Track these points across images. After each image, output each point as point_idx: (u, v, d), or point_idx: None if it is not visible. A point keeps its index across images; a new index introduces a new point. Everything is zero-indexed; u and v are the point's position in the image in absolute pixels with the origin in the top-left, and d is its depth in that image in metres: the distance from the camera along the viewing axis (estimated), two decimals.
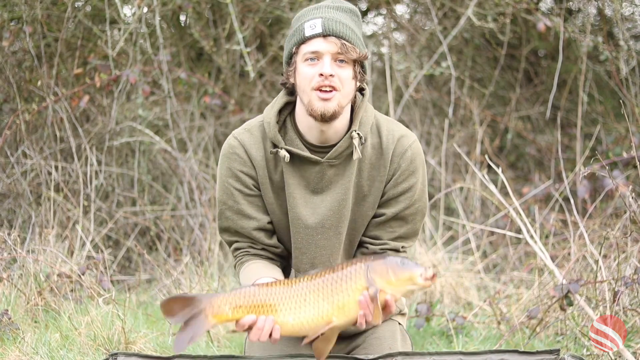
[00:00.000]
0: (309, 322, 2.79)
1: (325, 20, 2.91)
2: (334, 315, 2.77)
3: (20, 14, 5.62)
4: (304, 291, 2.78)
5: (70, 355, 3.76)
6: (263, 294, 2.79)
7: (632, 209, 4.16)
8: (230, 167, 3.06)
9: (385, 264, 2.74)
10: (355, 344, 3.23)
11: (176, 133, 6.14)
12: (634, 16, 7.16)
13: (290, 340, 3.23)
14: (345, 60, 2.91)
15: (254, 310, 2.79)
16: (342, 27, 2.91)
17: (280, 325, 2.79)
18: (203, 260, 5.32)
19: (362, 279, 2.75)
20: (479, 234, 5.95)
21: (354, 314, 2.76)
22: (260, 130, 3.07)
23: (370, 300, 2.73)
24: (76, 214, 5.49)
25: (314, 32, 2.90)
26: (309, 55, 2.90)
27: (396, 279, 2.73)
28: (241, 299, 2.80)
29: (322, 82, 2.89)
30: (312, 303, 2.77)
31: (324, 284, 2.77)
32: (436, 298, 5.03)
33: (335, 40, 2.89)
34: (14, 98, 5.67)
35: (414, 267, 2.73)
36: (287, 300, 2.79)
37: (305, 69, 2.92)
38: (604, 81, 6.65)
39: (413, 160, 3.06)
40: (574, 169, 6.01)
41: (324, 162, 3.01)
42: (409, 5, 7.09)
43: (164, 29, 6.26)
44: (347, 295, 2.75)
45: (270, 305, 2.79)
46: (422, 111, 6.77)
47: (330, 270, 2.79)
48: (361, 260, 2.78)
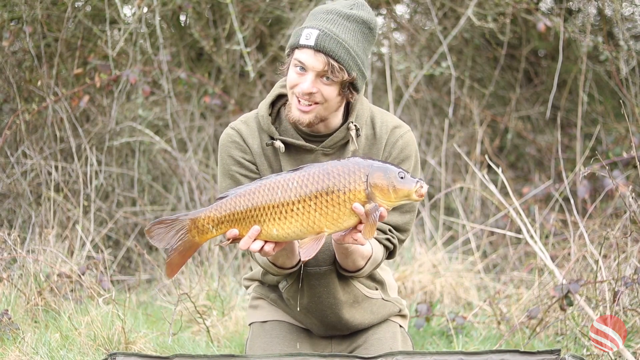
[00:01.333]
0: (297, 232, 2.69)
1: (321, 34, 2.88)
2: (325, 227, 2.69)
3: (20, 14, 5.62)
4: (291, 199, 2.67)
5: (70, 355, 3.76)
6: (244, 203, 2.70)
7: (632, 209, 4.16)
8: (232, 155, 3.09)
9: (386, 177, 2.66)
10: (356, 345, 3.24)
11: (176, 133, 6.14)
12: (634, 16, 7.16)
13: (291, 340, 3.23)
14: (330, 79, 2.91)
15: (237, 223, 2.71)
16: (336, 45, 2.88)
17: (265, 235, 2.70)
18: (203, 260, 5.32)
19: (362, 193, 2.67)
20: (479, 234, 5.95)
21: (347, 225, 2.72)
22: (255, 122, 3.11)
23: (366, 215, 2.69)
24: (76, 214, 5.49)
25: (306, 42, 2.89)
26: (298, 64, 2.92)
27: (395, 195, 2.67)
28: (222, 213, 2.71)
29: (301, 95, 2.92)
30: (301, 214, 2.67)
31: (317, 191, 2.66)
32: (436, 298, 5.03)
33: (323, 59, 2.88)
34: (14, 98, 5.66)
35: (411, 182, 2.68)
36: (272, 210, 2.68)
37: (292, 73, 2.94)
38: (604, 81, 6.65)
39: (404, 149, 3.09)
40: (574, 169, 6.01)
41: (319, 149, 3.05)
42: (409, 5, 7.09)
43: (164, 29, 6.26)
44: (343, 207, 2.67)
45: (253, 215, 2.69)
46: (422, 111, 6.77)
47: (322, 174, 2.67)
48: (358, 167, 2.67)
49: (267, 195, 2.70)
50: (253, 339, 3.28)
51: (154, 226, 2.78)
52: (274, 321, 3.28)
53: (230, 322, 4.46)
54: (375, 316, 3.25)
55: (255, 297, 3.36)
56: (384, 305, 3.27)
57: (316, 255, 3.07)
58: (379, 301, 3.25)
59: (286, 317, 3.29)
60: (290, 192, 2.68)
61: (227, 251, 5.55)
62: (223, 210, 2.73)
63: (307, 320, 3.22)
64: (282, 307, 3.28)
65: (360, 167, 2.68)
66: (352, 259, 3.01)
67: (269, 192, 2.70)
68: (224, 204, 2.73)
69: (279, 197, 2.68)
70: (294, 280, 3.15)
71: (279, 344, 3.20)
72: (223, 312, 4.54)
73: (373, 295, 3.24)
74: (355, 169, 2.68)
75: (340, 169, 2.68)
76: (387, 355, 2.91)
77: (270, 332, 3.24)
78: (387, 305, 3.28)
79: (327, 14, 2.94)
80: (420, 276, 5.16)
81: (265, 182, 2.72)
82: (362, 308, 3.21)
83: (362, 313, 3.21)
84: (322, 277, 3.09)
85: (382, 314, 3.26)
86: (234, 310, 4.56)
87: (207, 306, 4.59)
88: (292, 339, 3.23)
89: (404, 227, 3.12)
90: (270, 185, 2.70)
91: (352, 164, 2.69)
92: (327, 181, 2.68)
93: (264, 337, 3.24)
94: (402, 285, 5.12)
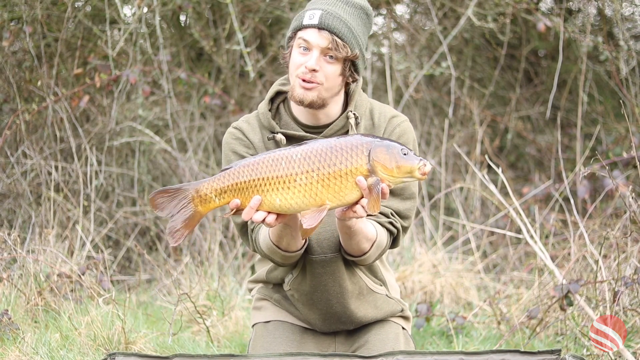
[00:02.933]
0: (299, 204, 2.71)
1: (324, 13, 2.99)
2: (327, 199, 2.71)
3: (20, 14, 5.62)
4: (294, 170, 2.69)
5: (70, 355, 3.76)
6: (247, 174, 2.72)
7: (632, 209, 4.16)
8: (236, 151, 3.14)
9: (389, 153, 2.68)
10: (358, 345, 3.23)
11: (176, 133, 6.14)
12: (634, 16, 7.16)
13: (293, 340, 3.23)
14: (334, 57, 2.99)
15: (240, 192, 2.73)
16: (339, 23, 2.98)
17: (267, 206, 2.72)
18: (203, 260, 5.32)
19: (364, 166, 2.68)
20: (479, 234, 5.95)
21: (350, 199, 2.74)
22: (256, 120, 3.18)
23: (369, 189, 2.71)
24: (76, 214, 5.49)
25: (310, 22, 2.99)
26: (302, 44, 3.01)
27: (397, 171, 2.69)
28: (225, 182, 2.73)
29: (304, 74, 2.99)
30: (303, 185, 2.69)
31: (319, 163, 2.69)
32: (436, 298, 5.03)
33: (328, 35, 2.97)
34: (14, 98, 5.66)
35: (414, 159, 2.69)
36: (275, 180, 2.70)
37: (296, 55, 3.03)
38: (604, 81, 6.65)
39: (401, 136, 3.13)
40: (574, 169, 6.01)
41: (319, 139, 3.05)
42: (409, 5, 7.09)
43: (164, 29, 6.26)
44: (345, 180, 2.69)
45: (256, 185, 2.71)
46: (422, 111, 6.77)
47: (326, 148, 2.69)
48: (361, 142, 2.70)
49: (271, 166, 2.73)
50: (256, 339, 3.28)
51: (157, 195, 2.80)
52: (277, 321, 3.28)
53: (230, 322, 4.46)
54: (379, 311, 3.24)
55: (258, 299, 3.36)
56: (388, 301, 3.27)
57: (321, 243, 3.09)
58: (383, 297, 3.25)
59: (289, 317, 3.29)
60: (294, 164, 2.71)
61: (227, 251, 5.55)
62: (226, 180, 2.75)
63: (311, 315, 3.21)
64: (286, 307, 3.28)
65: (363, 142, 2.71)
66: (356, 240, 3.00)
67: (272, 163, 2.73)
68: (227, 174, 2.76)
69: (282, 167, 2.71)
70: (299, 272, 3.15)
71: (281, 344, 3.20)
72: (223, 312, 4.54)
73: (378, 290, 3.24)
74: (358, 143, 2.71)
75: (343, 144, 2.72)
76: (387, 355, 2.90)
77: (273, 332, 3.24)
78: (391, 302, 3.28)
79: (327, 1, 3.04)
80: (420, 276, 5.16)
81: (269, 154, 2.76)
82: (366, 301, 3.21)
83: (365, 306, 3.21)
84: (328, 264, 3.10)
85: (385, 310, 3.26)
86: (234, 310, 4.57)
87: (207, 306, 4.59)
88: (294, 339, 3.23)
89: (405, 214, 3.13)
90: (274, 157, 2.74)
91: (355, 139, 2.73)
92: (330, 154, 2.71)
93: (266, 337, 3.24)
94: (402, 285, 5.12)
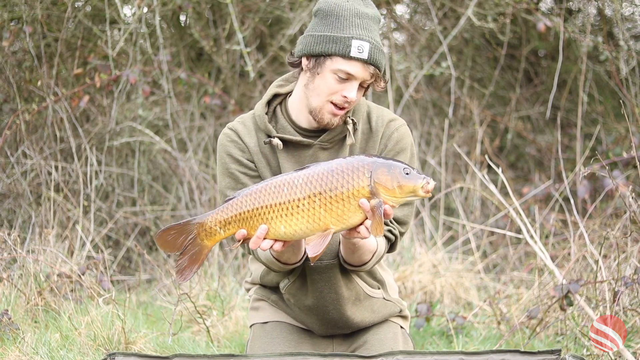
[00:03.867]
0: (304, 229, 2.71)
1: (372, 47, 2.94)
2: (331, 223, 2.70)
3: (20, 14, 5.62)
4: (296, 195, 2.70)
5: (70, 355, 3.76)
6: (250, 203, 2.73)
7: (632, 209, 4.15)
8: (230, 154, 3.12)
9: (390, 173, 2.68)
10: (356, 345, 3.24)
11: (176, 133, 6.14)
12: (634, 16, 7.16)
13: (291, 340, 3.23)
14: (366, 85, 3.00)
15: (244, 222, 2.73)
16: (382, 57, 2.97)
17: (272, 233, 2.73)
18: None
19: (365, 189, 2.68)
20: (479, 234, 5.95)
21: (353, 221, 2.73)
22: (252, 122, 3.15)
23: (372, 211, 2.70)
24: (76, 214, 5.49)
25: (359, 56, 2.94)
26: (343, 74, 2.95)
27: (400, 191, 2.68)
28: (228, 213, 2.74)
29: (342, 103, 2.97)
30: (307, 210, 2.70)
31: (321, 188, 2.69)
32: (436, 298, 5.03)
33: (373, 70, 2.96)
34: (14, 98, 5.66)
35: (417, 178, 2.68)
36: (278, 207, 2.71)
37: (332, 81, 2.96)
38: (604, 81, 6.65)
39: (400, 141, 3.12)
40: (574, 169, 6.00)
41: (317, 144, 3.08)
42: (409, 5, 7.09)
43: (164, 29, 6.26)
44: (347, 203, 2.68)
45: (260, 214, 2.72)
46: (422, 111, 6.77)
47: (327, 172, 2.69)
48: (362, 163, 2.69)
49: (273, 193, 2.73)
50: (254, 340, 3.28)
51: (162, 233, 2.81)
52: (275, 322, 3.28)
53: (230, 322, 4.46)
54: (376, 315, 3.25)
55: (256, 299, 3.36)
56: (385, 304, 3.27)
57: None
58: (380, 300, 3.26)
59: (287, 318, 3.29)
60: (296, 190, 2.71)
61: (227, 251, 5.55)
62: (229, 211, 2.75)
63: (308, 320, 3.22)
64: (283, 308, 3.28)
65: (364, 164, 2.70)
66: (359, 254, 3.02)
67: (274, 190, 2.73)
68: (230, 205, 2.76)
69: (284, 194, 2.71)
70: (295, 278, 3.15)
71: (279, 344, 3.20)
72: (223, 312, 4.54)
73: (375, 295, 3.24)
74: (359, 165, 2.70)
75: (344, 166, 2.71)
76: (387, 355, 2.90)
77: (270, 333, 3.25)
78: (388, 305, 3.28)
79: (359, 19, 2.97)
80: (420, 276, 5.16)
81: (271, 181, 2.76)
82: (363, 306, 3.21)
83: (362, 311, 3.21)
84: (324, 271, 3.10)
85: (383, 313, 3.27)
86: (234, 310, 4.56)
87: (207, 306, 4.59)
88: (292, 339, 3.23)
89: (403, 220, 3.13)
90: (276, 184, 2.74)
91: (356, 160, 2.72)
92: (331, 178, 2.70)
93: (264, 337, 3.24)
94: (402, 285, 5.12)
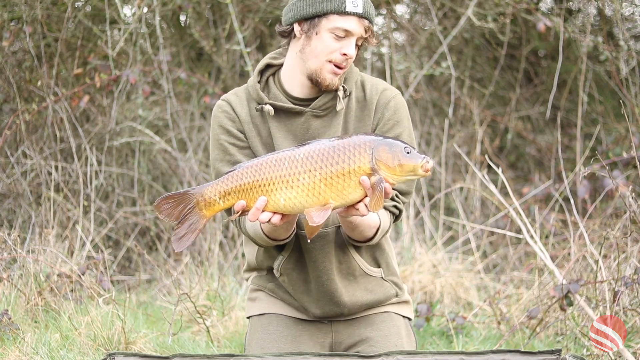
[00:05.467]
0: (303, 203, 2.73)
1: (365, 2, 2.98)
2: (331, 198, 2.73)
3: (20, 14, 5.62)
4: (297, 169, 2.73)
5: (70, 355, 3.76)
6: (251, 175, 2.75)
7: (632, 209, 4.16)
8: (221, 124, 3.13)
9: (391, 152, 2.70)
10: (358, 338, 3.21)
11: (176, 133, 6.14)
12: (634, 16, 7.16)
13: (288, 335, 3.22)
14: (360, 43, 3.02)
15: (244, 194, 2.76)
16: (373, 9, 3.01)
17: (272, 206, 2.75)
18: (203, 260, 5.32)
19: (367, 165, 2.70)
20: (479, 234, 5.95)
21: (353, 197, 2.75)
22: (245, 93, 3.17)
23: (372, 187, 2.72)
24: (76, 214, 5.49)
25: (355, 10, 2.97)
26: (340, 32, 2.98)
27: (400, 169, 2.70)
28: (229, 184, 2.76)
29: (342, 61, 2.99)
30: (307, 184, 2.72)
31: (322, 163, 2.71)
32: (436, 298, 5.03)
33: (367, 24, 2.99)
34: (14, 98, 5.67)
35: (417, 157, 2.71)
36: (278, 180, 2.73)
37: (329, 40, 2.99)
38: (604, 81, 6.65)
39: (397, 111, 3.12)
40: (574, 169, 6.01)
41: (308, 111, 3.09)
42: (409, 5, 7.09)
43: (164, 29, 6.26)
44: (348, 179, 2.71)
45: (260, 185, 2.74)
46: (422, 111, 6.77)
47: (329, 148, 2.72)
48: (364, 141, 2.72)
49: (274, 166, 2.75)
50: (251, 333, 3.27)
51: (162, 201, 2.83)
52: (271, 314, 3.27)
53: (230, 322, 4.46)
54: (373, 295, 3.20)
55: (253, 290, 3.35)
56: (382, 284, 3.22)
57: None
58: (377, 279, 3.22)
59: (284, 308, 3.27)
60: (297, 164, 2.73)
61: (227, 251, 5.55)
62: (230, 182, 2.78)
63: (304, 298, 3.19)
64: (280, 295, 3.26)
65: (366, 141, 2.73)
66: (359, 231, 3.02)
67: (276, 163, 2.75)
68: (230, 176, 2.79)
69: (285, 167, 2.74)
70: (289, 253, 3.14)
71: (275, 340, 3.20)
72: (223, 312, 4.54)
73: (372, 273, 3.21)
74: (361, 142, 2.73)
75: (346, 143, 2.73)
76: (387, 355, 2.89)
77: (267, 327, 3.23)
78: (385, 285, 3.23)
79: None
80: (420, 276, 5.16)
81: (273, 155, 2.78)
82: (357, 283, 3.18)
83: (355, 288, 3.17)
84: (317, 240, 3.09)
85: (379, 294, 3.21)
86: (234, 310, 4.56)
87: (207, 306, 4.59)
88: (289, 334, 3.21)
89: (407, 190, 3.15)
90: (277, 157, 2.76)
91: (358, 138, 2.75)
92: (332, 154, 2.73)
93: (261, 332, 3.23)
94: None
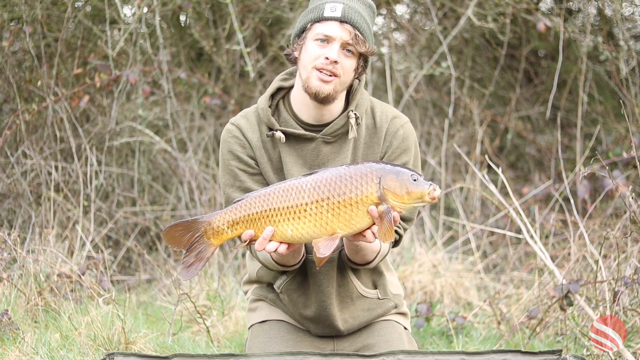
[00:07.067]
0: (311, 233, 2.74)
1: (346, 7, 2.99)
2: (338, 228, 2.73)
3: (20, 14, 5.62)
4: (304, 199, 2.73)
5: (70, 355, 3.76)
6: (259, 205, 2.76)
7: (632, 209, 4.16)
8: (231, 150, 3.14)
9: (399, 180, 2.71)
10: (361, 345, 3.22)
11: (176, 133, 6.14)
12: (634, 16, 7.16)
13: (289, 339, 3.22)
14: (352, 51, 3.00)
15: (252, 223, 2.77)
16: (360, 18, 2.99)
17: (279, 236, 2.76)
18: None
19: (374, 195, 2.71)
20: (479, 234, 5.95)
21: (360, 226, 2.76)
22: (255, 116, 3.17)
23: (380, 217, 2.72)
24: (76, 214, 5.49)
25: (332, 14, 2.98)
26: (321, 37, 2.99)
27: (408, 197, 2.71)
28: (237, 214, 2.77)
29: (325, 65, 2.98)
30: (314, 214, 2.72)
31: (329, 192, 2.72)
32: (436, 298, 5.03)
33: (350, 29, 2.98)
34: (14, 98, 5.66)
35: (424, 184, 2.72)
36: (286, 210, 2.74)
37: (313, 47, 3.00)
38: (604, 81, 6.65)
39: (405, 139, 3.13)
40: (574, 169, 6.00)
41: (319, 137, 3.09)
42: (409, 5, 7.09)
43: (164, 29, 6.26)
44: (356, 209, 2.71)
45: (268, 216, 2.75)
46: (422, 111, 6.77)
47: (335, 177, 2.72)
48: (371, 170, 2.72)
49: (282, 196, 2.76)
50: (252, 339, 3.27)
51: (170, 229, 2.83)
52: (273, 321, 3.27)
53: (230, 322, 4.46)
54: (371, 313, 3.24)
55: (253, 300, 3.35)
56: (380, 303, 3.26)
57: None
58: (374, 300, 3.25)
59: (285, 316, 3.28)
60: (304, 194, 2.74)
61: (227, 251, 5.55)
62: (238, 212, 2.79)
63: (303, 319, 3.21)
64: (281, 306, 3.28)
65: (373, 170, 2.74)
66: (362, 254, 3.05)
67: (283, 193, 2.76)
68: (239, 206, 2.80)
69: (293, 197, 2.75)
70: (292, 276, 3.15)
71: (277, 343, 3.20)
72: (223, 312, 4.54)
73: (368, 295, 3.24)
74: (368, 171, 2.74)
75: (353, 172, 2.74)
76: (388, 354, 2.90)
77: (268, 332, 3.24)
78: (382, 302, 3.27)
79: None
80: (420, 276, 5.16)
81: (280, 185, 2.80)
82: (354, 306, 3.20)
83: (352, 311, 3.20)
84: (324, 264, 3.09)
85: (377, 311, 3.25)
86: (234, 310, 4.56)
87: (207, 306, 4.59)
88: (290, 338, 3.22)
89: (409, 217, 3.15)
90: (285, 187, 2.77)
91: (365, 167, 2.75)
92: (339, 183, 2.73)
93: (262, 336, 3.24)
94: (402, 285, 5.12)
